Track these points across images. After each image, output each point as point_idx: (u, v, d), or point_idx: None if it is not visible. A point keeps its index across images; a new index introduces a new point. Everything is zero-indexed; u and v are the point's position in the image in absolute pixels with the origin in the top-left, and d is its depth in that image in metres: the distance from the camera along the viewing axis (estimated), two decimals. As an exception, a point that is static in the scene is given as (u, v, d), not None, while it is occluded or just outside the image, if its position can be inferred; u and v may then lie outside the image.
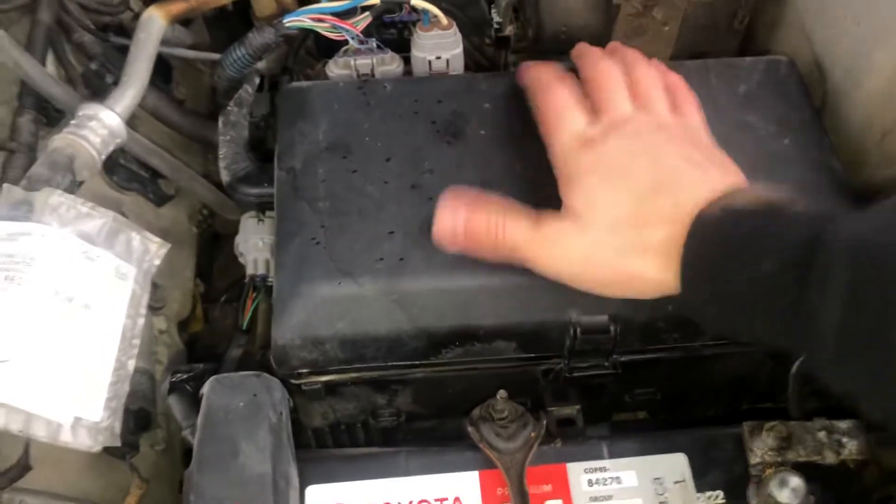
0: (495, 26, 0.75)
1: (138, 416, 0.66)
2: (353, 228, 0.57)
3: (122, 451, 0.64)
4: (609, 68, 0.58)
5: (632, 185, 0.51)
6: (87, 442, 0.52)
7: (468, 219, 0.53)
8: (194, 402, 0.54)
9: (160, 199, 0.82)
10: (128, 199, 0.79)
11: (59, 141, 0.58)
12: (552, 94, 0.58)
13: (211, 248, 0.93)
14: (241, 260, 0.71)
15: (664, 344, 0.58)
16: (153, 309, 0.74)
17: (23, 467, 0.59)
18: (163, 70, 0.89)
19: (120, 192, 0.78)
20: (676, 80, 0.59)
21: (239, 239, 0.70)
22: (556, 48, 0.70)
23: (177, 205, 0.85)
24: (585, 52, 0.61)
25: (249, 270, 0.69)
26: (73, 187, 0.58)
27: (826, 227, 0.41)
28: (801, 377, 0.56)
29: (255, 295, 0.70)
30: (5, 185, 0.55)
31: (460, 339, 0.57)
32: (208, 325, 0.85)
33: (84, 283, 0.54)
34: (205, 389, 0.52)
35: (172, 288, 0.80)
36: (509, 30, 0.74)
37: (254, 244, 0.69)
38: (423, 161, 0.61)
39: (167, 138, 0.84)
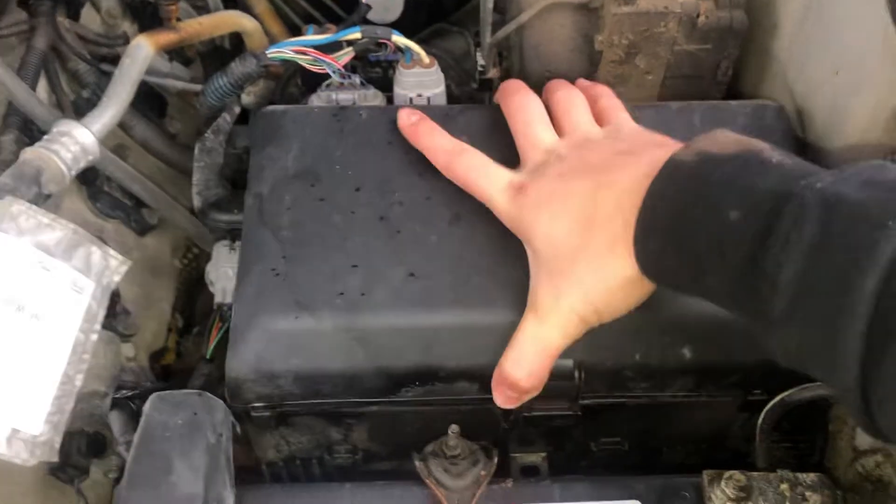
0: (479, 69, 0.75)
1: (93, 439, 0.65)
2: (316, 260, 0.57)
3: (70, 476, 0.63)
4: (523, 102, 0.60)
5: (575, 206, 0.50)
6: (22, 455, 0.50)
7: None
8: (136, 419, 0.53)
9: (142, 229, 0.83)
10: (109, 227, 0.79)
11: (29, 153, 0.58)
12: (467, 157, 0.58)
13: (196, 286, 0.93)
14: (210, 288, 0.70)
15: (631, 392, 0.56)
16: (123, 336, 0.73)
17: (-36, 483, 0.58)
18: (158, 104, 0.91)
19: (102, 218, 0.79)
20: (601, 90, 0.62)
21: (210, 267, 0.70)
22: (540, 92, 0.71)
23: (159, 235, 0.85)
24: (503, 90, 0.63)
25: (218, 299, 0.69)
26: (39, 199, 0.58)
27: (799, 182, 0.40)
28: (768, 428, 0.54)
29: (221, 324, 0.69)
30: (-31, 194, 0.55)
31: (420, 379, 0.55)
32: (181, 359, 0.84)
33: (36, 294, 0.53)
34: (146, 406, 0.51)
35: (147, 318, 0.80)
36: (493, 72, 0.75)
37: (224, 272, 0.69)
38: (393, 192, 0.60)
39: (157, 171, 0.85)
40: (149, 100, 0.87)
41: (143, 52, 0.69)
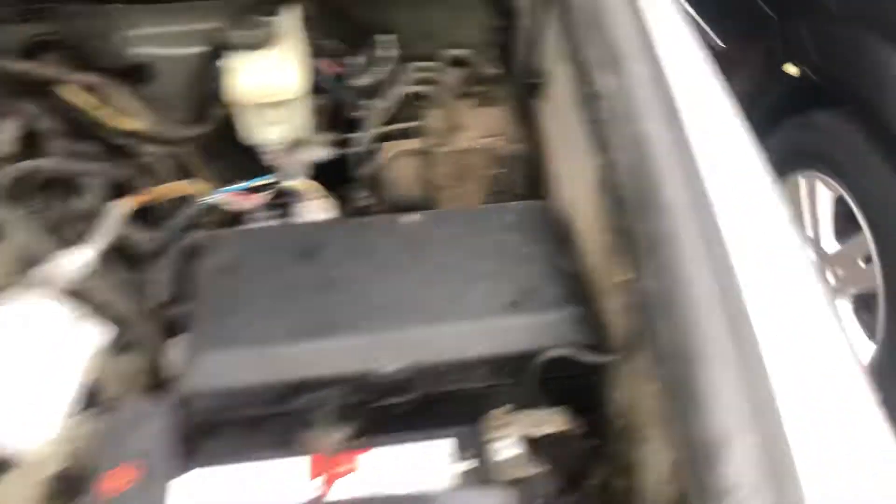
0: (359, 198, 1.09)
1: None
2: (233, 319, 0.86)
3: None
4: None
5: None
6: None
7: None
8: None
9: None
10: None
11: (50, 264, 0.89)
12: None
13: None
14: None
15: (449, 387, 0.84)
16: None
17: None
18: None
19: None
20: None
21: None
22: (396, 210, 1.04)
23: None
24: None
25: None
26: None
27: None
28: (530, 381, 0.81)
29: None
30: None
31: (304, 387, 0.83)
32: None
33: (56, 348, 0.82)
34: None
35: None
36: (368, 200, 1.08)
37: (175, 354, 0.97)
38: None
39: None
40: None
41: (126, 206, 1.01)
